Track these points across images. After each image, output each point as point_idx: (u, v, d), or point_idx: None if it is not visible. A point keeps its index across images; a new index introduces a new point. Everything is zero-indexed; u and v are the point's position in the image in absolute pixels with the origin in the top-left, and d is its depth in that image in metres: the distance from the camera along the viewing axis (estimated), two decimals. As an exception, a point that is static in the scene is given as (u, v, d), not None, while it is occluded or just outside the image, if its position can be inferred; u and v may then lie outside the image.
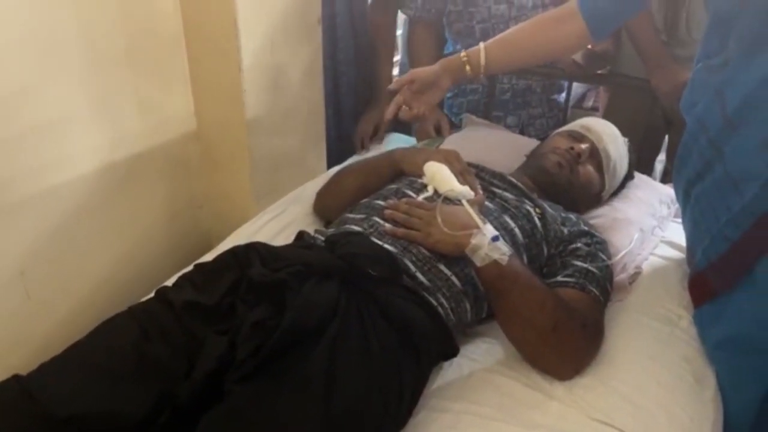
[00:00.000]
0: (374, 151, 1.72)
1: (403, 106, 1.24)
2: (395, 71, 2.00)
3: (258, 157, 1.41)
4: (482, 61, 1.22)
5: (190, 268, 1.04)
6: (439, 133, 1.75)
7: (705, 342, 1.08)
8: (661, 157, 1.96)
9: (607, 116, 1.70)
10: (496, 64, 1.25)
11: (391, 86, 1.26)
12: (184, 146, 1.37)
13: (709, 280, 1.04)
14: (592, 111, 2.37)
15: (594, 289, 1.06)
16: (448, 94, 1.86)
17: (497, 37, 1.26)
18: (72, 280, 1.19)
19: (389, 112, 1.25)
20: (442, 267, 1.02)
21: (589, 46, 1.92)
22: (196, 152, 1.39)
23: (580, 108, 2.28)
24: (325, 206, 1.34)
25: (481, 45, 1.23)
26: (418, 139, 1.80)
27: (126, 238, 1.28)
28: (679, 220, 1.40)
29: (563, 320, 0.96)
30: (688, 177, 1.06)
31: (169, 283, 1.02)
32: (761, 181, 0.88)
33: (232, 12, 1.22)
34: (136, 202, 1.29)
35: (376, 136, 1.82)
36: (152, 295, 0.99)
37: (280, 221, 1.35)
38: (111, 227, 1.24)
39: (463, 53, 1.24)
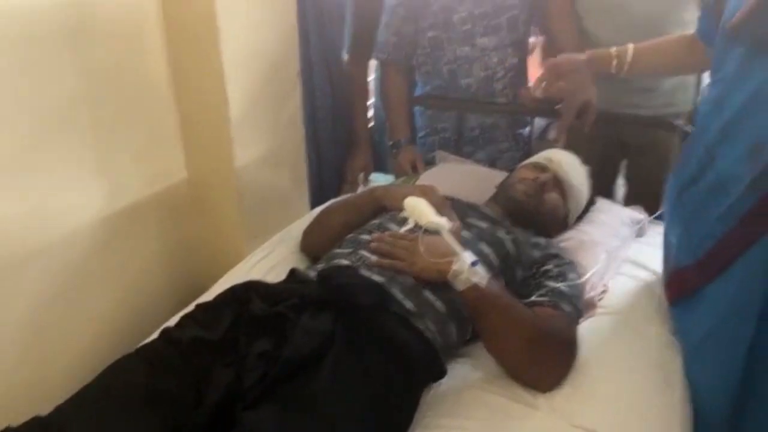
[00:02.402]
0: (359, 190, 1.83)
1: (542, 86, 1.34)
2: (370, 113, 2.12)
3: (246, 201, 1.49)
4: (629, 59, 1.32)
5: (190, 307, 1.11)
6: (415, 170, 1.85)
7: (685, 341, 1.17)
8: (621, 182, 2.08)
9: (566, 147, 1.83)
10: (639, 65, 1.34)
11: (542, 74, 1.34)
12: (177, 194, 1.45)
13: (691, 276, 1.13)
14: (555, 142, 2.50)
15: (566, 307, 1.15)
16: (421, 133, 1.98)
17: (645, 43, 1.36)
18: (77, 325, 1.24)
19: (534, 88, 1.35)
20: (427, 293, 1.10)
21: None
22: (189, 199, 1.47)
23: (544, 140, 2.40)
24: (312, 244, 1.42)
25: (631, 45, 1.33)
26: (396, 177, 1.90)
27: (126, 283, 1.34)
28: (641, 239, 1.53)
29: (540, 336, 1.05)
30: (683, 181, 1.16)
31: (171, 323, 1.09)
32: (745, 182, 1.00)
33: (219, 70, 1.32)
34: (134, 249, 1.36)
35: (363, 175, 1.94)
36: (156, 335, 1.06)
37: (269, 260, 1.42)
38: (111, 274, 1.30)
39: (613, 49, 1.33)
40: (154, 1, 1.31)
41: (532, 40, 1.97)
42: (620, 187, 2.10)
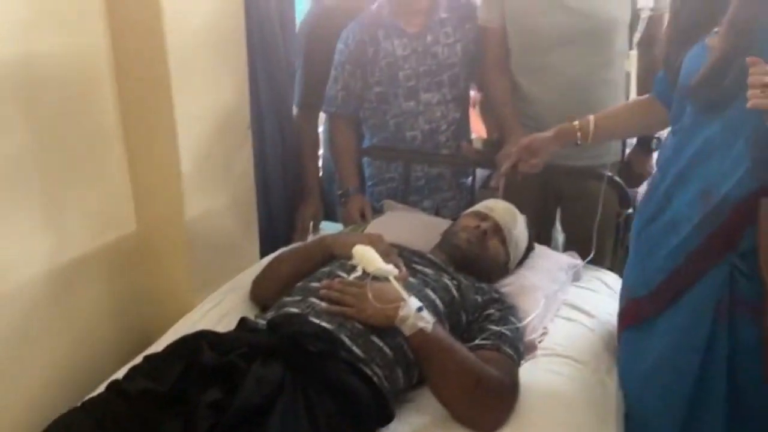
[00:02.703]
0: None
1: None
2: (320, 163, 2.17)
3: (196, 251, 1.51)
4: (591, 129, 1.44)
5: (139, 359, 1.11)
6: (363, 218, 1.91)
7: (635, 370, 1.26)
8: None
9: (506, 196, 1.93)
10: (601, 133, 1.46)
11: (512, 151, 1.48)
12: (126, 246, 1.45)
13: (644, 306, 1.24)
14: (496, 191, 2.60)
15: (508, 349, 1.21)
16: (369, 183, 2.05)
17: (604, 112, 1.49)
18: (23, 379, 1.21)
19: (505, 169, 1.50)
20: (375, 339, 1.14)
21: (485, 136, 2.19)
22: (138, 251, 1.47)
23: (487, 188, 2.50)
24: (262, 292, 1.44)
25: (591, 117, 1.45)
26: (345, 225, 1.95)
27: (73, 336, 1.32)
28: (578, 283, 1.62)
29: (483, 378, 1.10)
30: (643, 220, 1.28)
31: (120, 375, 1.08)
32: (694, 223, 1.13)
33: (171, 123, 1.35)
34: (82, 301, 1.35)
35: (313, 224, 1.98)
36: (104, 388, 1.05)
37: (219, 310, 1.43)
38: (58, 326, 1.29)
39: (576, 122, 1.45)
40: (106, 54, 1.34)
41: (472, 93, 2.09)
42: (560, 234, 2.22)
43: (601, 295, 1.58)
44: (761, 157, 1.06)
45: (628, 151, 1.88)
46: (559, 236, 2.19)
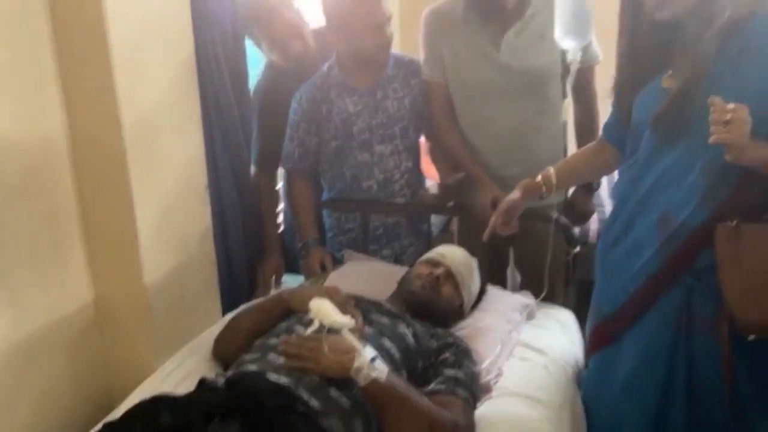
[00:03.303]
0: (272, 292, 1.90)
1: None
2: (279, 219, 2.22)
3: (156, 315, 1.53)
4: (554, 181, 1.53)
5: (98, 427, 1.12)
6: (324, 269, 1.95)
7: (607, 386, 1.38)
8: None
9: (460, 239, 2.00)
10: (563, 182, 1.57)
11: (495, 220, 1.55)
12: (84, 316, 1.47)
13: (610, 324, 1.38)
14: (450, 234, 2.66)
15: (463, 393, 1.25)
16: (329, 234, 2.10)
17: (562, 162, 1.60)
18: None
19: (486, 235, 1.57)
20: (333, 391, 1.17)
21: (439, 181, 2.26)
22: (96, 319, 1.49)
23: (446, 232, 2.57)
24: (224, 351, 1.46)
25: (552, 170, 1.54)
26: (306, 277, 1.99)
27: (32, 410, 1.33)
28: (532, 322, 1.68)
29: (437, 422, 1.14)
30: (608, 243, 1.41)
31: (79, 445, 1.09)
32: (655, 247, 1.26)
33: (127, 194, 1.40)
34: (41, 374, 1.35)
35: (275, 278, 2.02)
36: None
37: (181, 371, 1.43)
38: (16, 400, 1.29)
39: (538, 177, 1.54)
40: (62, 133, 1.38)
41: (422, 140, 2.17)
42: (516, 273, 2.29)
43: (554, 333, 1.64)
44: (714, 186, 1.20)
45: (571, 191, 1.98)
46: (516, 276, 2.26)
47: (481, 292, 1.64)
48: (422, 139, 2.14)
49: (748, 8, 1.17)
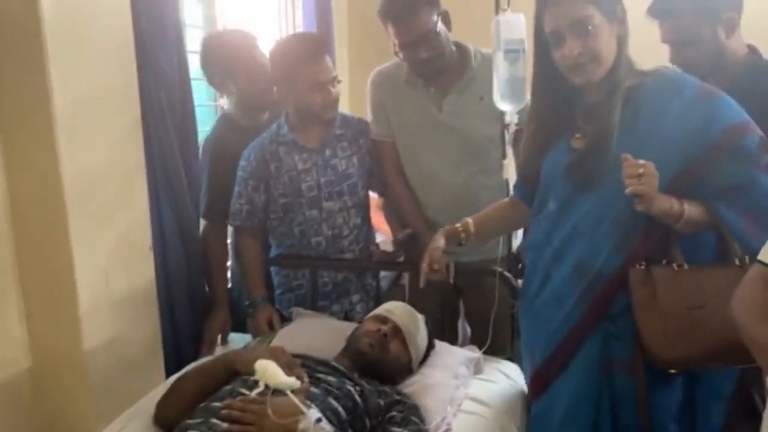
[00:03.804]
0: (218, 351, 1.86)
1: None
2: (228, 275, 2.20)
3: (96, 379, 1.48)
4: (472, 230, 1.59)
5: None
6: (272, 327, 1.92)
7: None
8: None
9: (410, 293, 2.02)
10: (481, 231, 1.62)
11: (427, 274, 1.56)
12: (21, 383, 1.41)
13: (542, 374, 1.44)
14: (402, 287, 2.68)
15: (410, 451, 1.25)
16: (278, 291, 2.09)
17: (480, 213, 1.66)
18: None
19: (422, 281, 1.57)
20: (278, 454, 1.15)
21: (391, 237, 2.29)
22: (34, 387, 1.43)
23: (398, 285, 2.59)
24: (166, 415, 1.41)
25: (470, 220, 1.61)
26: (254, 336, 1.96)
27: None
28: (479, 376, 1.70)
29: (384, 483, 1.13)
30: (528, 298, 1.48)
31: None
32: (574, 298, 1.35)
33: (68, 257, 1.37)
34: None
35: (221, 336, 1.98)
36: None
37: (122, 436, 1.39)
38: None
39: (458, 225, 1.61)
40: (1, 198, 1.36)
41: (374, 197, 2.21)
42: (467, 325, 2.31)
43: (501, 385, 1.66)
44: (624, 234, 1.30)
45: (516, 243, 2.04)
46: (467, 328, 2.29)
47: (429, 348, 1.65)
48: (374, 195, 2.18)
49: (639, 79, 1.34)
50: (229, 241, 2.21)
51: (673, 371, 1.27)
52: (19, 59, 1.32)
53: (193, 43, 2.19)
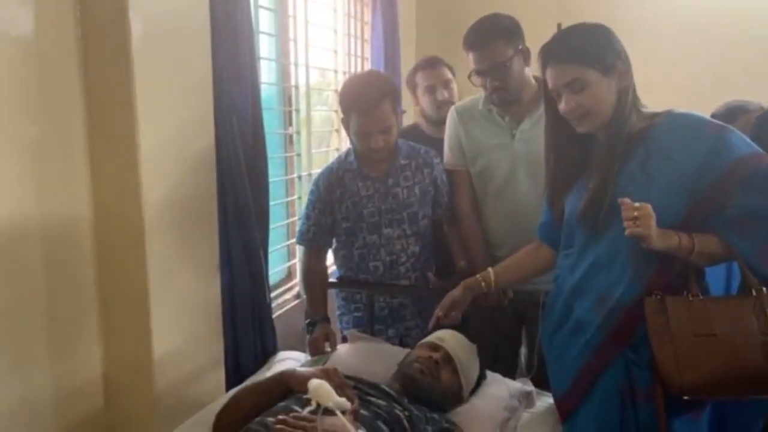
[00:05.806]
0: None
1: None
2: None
3: (161, 388, 1.57)
4: (492, 278, 1.67)
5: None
6: (330, 347, 1.98)
7: None
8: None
9: (473, 323, 2.03)
10: (501, 280, 1.70)
11: (439, 312, 1.69)
12: (92, 389, 1.52)
13: (566, 403, 1.49)
14: (455, 320, 2.65)
15: (455, 479, 1.25)
16: (338, 312, 2.15)
17: (505, 261, 1.74)
18: None
19: (432, 324, 1.69)
20: (326, 473, 1.18)
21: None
22: (105, 392, 1.54)
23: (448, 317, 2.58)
24: (223, 428, 1.48)
25: (490, 269, 1.70)
26: (311, 355, 2.01)
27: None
28: (530, 410, 1.68)
29: None
30: (550, 329, 1.54)
31: None
32: (596, 325, 1.40)
33: (144, 264, 1.48)
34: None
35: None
36: None
37: (183, 446, 1.47)
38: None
39: (478, 276, 1.70)
40: (87, 206, 1.48)
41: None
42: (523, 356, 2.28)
43: (549, 423, 1.63)
44: (639, 267, 1.36)
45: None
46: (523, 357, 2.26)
47: (480, 378, 1.65)
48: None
49: (649, 121, 1.40)
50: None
51: (686, 398, 1.29)
52: (110, 90, 1.45)
53: (267, 75, 2.33)
